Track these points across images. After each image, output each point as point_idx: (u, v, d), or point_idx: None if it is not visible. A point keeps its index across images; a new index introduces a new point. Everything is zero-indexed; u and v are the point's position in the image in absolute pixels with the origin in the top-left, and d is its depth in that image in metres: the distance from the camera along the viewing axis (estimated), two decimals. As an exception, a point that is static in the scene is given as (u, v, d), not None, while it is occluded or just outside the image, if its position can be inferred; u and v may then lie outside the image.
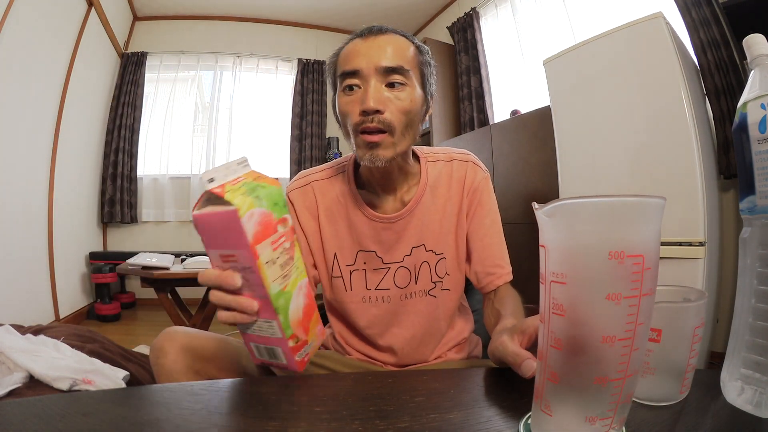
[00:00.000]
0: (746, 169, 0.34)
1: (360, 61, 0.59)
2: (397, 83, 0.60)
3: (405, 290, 0.69)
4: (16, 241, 2.27)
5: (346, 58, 0.61)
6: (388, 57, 0.59)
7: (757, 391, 0.33)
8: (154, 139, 3.72)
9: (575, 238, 0.25)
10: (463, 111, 3.29)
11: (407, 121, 0.61)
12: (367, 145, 0.59)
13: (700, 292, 0.37)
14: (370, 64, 0.59)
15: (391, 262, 0.69)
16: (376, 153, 0.59)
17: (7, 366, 1.14)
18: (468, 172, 0.72)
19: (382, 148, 0.59)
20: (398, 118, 0.60)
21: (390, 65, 0.59)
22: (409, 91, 0.61)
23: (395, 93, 0.60)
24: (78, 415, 0.33)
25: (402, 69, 0.60)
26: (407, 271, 0.69)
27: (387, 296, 0.69)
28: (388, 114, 0.58)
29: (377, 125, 0.58)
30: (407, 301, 0.69)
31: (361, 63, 0.59)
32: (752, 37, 0.35)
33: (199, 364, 0.60)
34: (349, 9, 3.78)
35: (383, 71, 0.59)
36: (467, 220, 0.71)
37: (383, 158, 0.59)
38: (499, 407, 0.35)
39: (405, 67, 0.60)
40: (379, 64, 0.59)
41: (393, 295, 0.69)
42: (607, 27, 1.67)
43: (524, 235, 2.15)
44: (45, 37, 2.46)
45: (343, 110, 0.62)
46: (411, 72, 0.61)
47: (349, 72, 0.60)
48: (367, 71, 0.59)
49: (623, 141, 1.62)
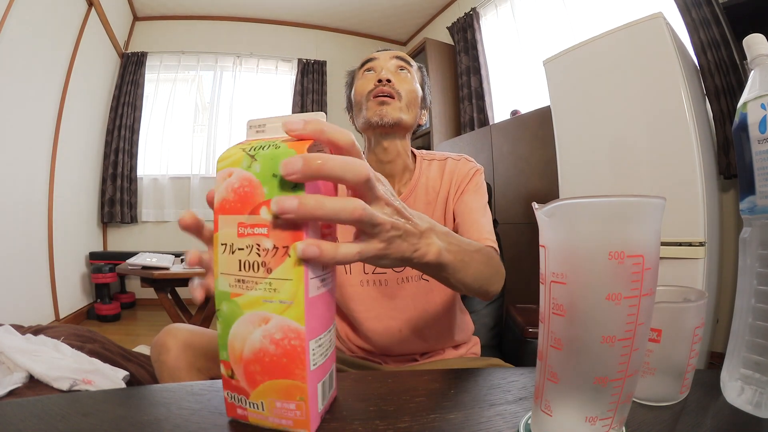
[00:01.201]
0: (746, 169, 0.34)
1: (378, 55, 0.77)
2: (405, 70, 0.76)
3: (401, 274, 0.71)
4: (17, 241, 2.27)
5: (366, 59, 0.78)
6: (398, 54, 0.78)
7: (757, 391, 0.33)
8: (154, 139, 3.72)
9: (575, 238, 0.25)
10: (463, 111, 3.29)
11: (410, 98, 0.74)
12: (380, 102, 0.70)
13: (700, 292, 0.37)
14: (386, 56, 0.77)
15: None
16: (386, 109, 0.70)
17: (7, 366, 1.14)
18: (459, 165, 0.77)
19: (391, 107, 0.70)
20: (405, 89, 0.73)
21: (399, 55, 0.77)
22: (411, 76, 0.76)
23: (402, 74, 0.75)
24: (78, 415, 0.33)
25: (409, 63, 0.78)
26: None
27: (384, 280, 0.71)
28: (397, 85, 0.72)
29: (389, 90, 0.71)
30: (403, 285, 0.71)
31: (379, 55, 0.77)
32: (752, 37, 0.35)
33: (201, 362, 0.60)
34: (349, 9, 3.78)
35: (395, 59, 0.77)
36: (454, 202, 0.74)
37: (391, 116, 0.69)
38: (499, 407, 0.35)
39: (411, 64, 0.78)
40: (391, 54, 0.77)
41: (390, 279, 0.71)
42: (607, 27, 1.67)
43: (524, 235, 2.15)
44: (45, 37, 2.46)
45: (360, 87, 0.74)
46: (414, 71, 0.78)
47: (369, 60, 0.77)
48: (383, 59, 0.76)
49: (623, 141, 1.62)
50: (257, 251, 0.29)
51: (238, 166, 0.29)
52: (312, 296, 0.29)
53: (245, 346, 0.30)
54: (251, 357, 0.30)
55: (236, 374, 0.31)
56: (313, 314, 0.30)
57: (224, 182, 0.30)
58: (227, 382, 0.32)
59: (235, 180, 0.29)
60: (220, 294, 0.31)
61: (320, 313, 0.31)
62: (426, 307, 0.72)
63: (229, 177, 0.30)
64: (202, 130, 3.91)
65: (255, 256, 0.29)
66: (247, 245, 0.29)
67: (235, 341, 0.30)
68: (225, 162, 0.30)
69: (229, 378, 0.31)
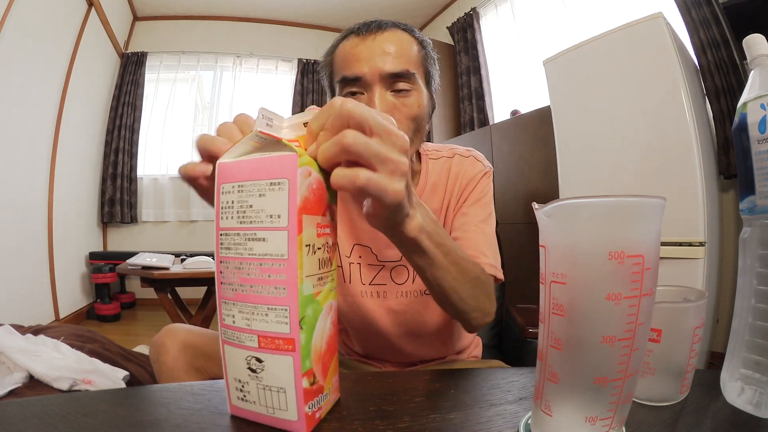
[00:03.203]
0: (746, 169, 0.34)
1: (362, 66, 0.54)
2: (404, 90, 0.56)
3: (401, 287, 0.67)
4: (16, 241, 2.27)
5: (344, 61, 0.57)
6: (393, 60, 0.54)
7: (757, 391, 0.33)
8: (154, 139, 3.72)
9: (575, 238, 0.25)
10: (463, 111, 3.29)
11: (416, 126, 0.58)
12: None
13: (700, 292, 0.37)
14: (373, 70, 0.54)
15: (386, 261, 0.67)
16: None
17: (7, 366, 1.14)
18: (465, 166, 0.69)
19: None
20: (407, 126, 0.56)
21: (395, 71, 0.54)
22: (416, 96, 0.57)
23: (402, 100, 0.56)
24: (78, 415, 0.33)
25: (408, 73, 0.55)
26: (405, 269, 0.68)
27: (384, 291, 0.67)
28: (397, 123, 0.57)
29: None
30: (402, 299, 0.68)
31: (363, 68, 0.54)
32: (752, 37, 0.35)
33: (200, 362, 0.60)
34: (349, 9, 3.78)
35: (388, 77, 0.54)
36: (454, 212, 0.67)
37: None
38: (499, 407, 0.35)
39: (411, 71, 0.56)
40: (383, 70, 0.54)
41: (389, 291, 0.67)
42: (607, 27, 1.67)
43: (524, 235, 2.15)
44: (45, 37, 2.46)
45: None
46: (416, 74, 0.57)
47: (351, 78, 0.55)
48: (370, 78, 0.54)
49: (623, 141, 1.62)
50: (326, 248, 0.32)
51: (314, 168, 0.30)
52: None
53: (324, 340, 0.31)
54: (325, 346, 0.31)
55: (317, 376, 0.30)
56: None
57: (306, 181, 0.29)
58: (309, 393, 0.30)
59: (314, 182, 0.30)
60: (306, 299, 0.29)
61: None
62: (425, 320, 0.69)
63: (309, 177, 0.29)
64: (202, 130, 3.91)
65: (326, 254, 0.32)
66: (323, 243, 0.31)
67: (317, 339, 0.31)
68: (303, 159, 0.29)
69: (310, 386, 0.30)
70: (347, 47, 0.57)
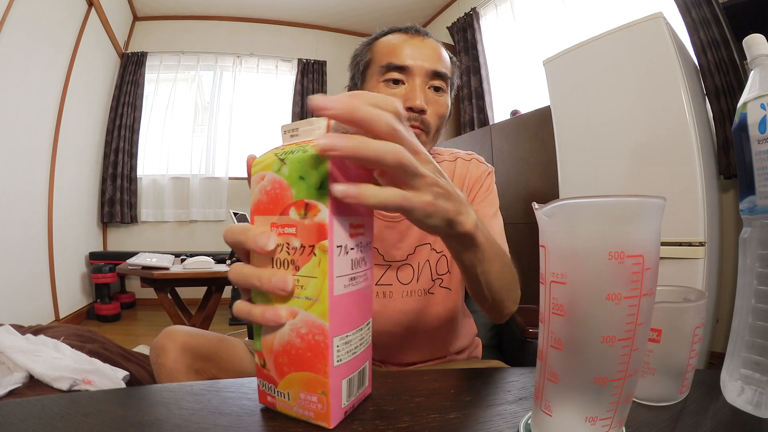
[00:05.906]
0: (746, 169, 0.34)
1: (411, 58, 0.60)
2: (440, 88, 0.63)
3: (406, 287, 0.69)
4: (16, 241, 2.27)
5: (392, 51, 0.62)
6: (437, 62, 0.62)
7: (757, 391, 0.33)
8: (153, 139, 3.73)
9: (575, 238, 0.25)
10: (463, 111, 3.29)
11: (439, 124, 0.64)
12: None
13: (700, 292, 0.37)
14: (422, 64, 0.61)
15: (392, 261, 0.68)
16: None
17: (7, 366, 1.14)
18: (470, 168, 0.72)
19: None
20: (435, 121, 0.62)
21: (439, 70, 0.62)
22: (446, 97, 0.64)
23: (436, 97, 0.62)
24: (78, 415, 0.33)
25: (446, 76, 0.63)
26: (411, 268, 0.69)
27: (390, 292, 0.68)
28: (429, 115, 0.61)
29: (419, 124, 0.60)
30: (407, 300, 0.69)
31: (412, 60, 0.60)
32: (752, 37, 0.35)
33: (199, 364, 0.60)
34: (349, 9, 3.79)
35: (431, 74, 0.61)
36: None
37: None
38: (499, 407, 0.35)
39: (447, 75, 0.63)
40: (429, 67, 0.61)
41: (395, 291, 0.68)
42: (607, 27, 1.67)
43: (524, 235, 2.15)
44: (45, 37, 2.46)
45: None
46: (450, 79, 0.65)
47: (398, 66, 0.61)
48: (416, 70, 0.60)
49: (623, 141, 1.62)
50: (287, 250, 0.31)
51: (269, 169, 0.31)
52: (337, 294, 0.30)
53: (276, 338, 0.32)
54: (280, 349, 0.32)
55: (267, 364, 0.33)
56: (338, 312, 0.30)
57: (258, 185, 0.32)
58: (260, 371, 0.34)
59: (267, 183, 0.31)
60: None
61: (347, 311, 0.32)
62: (429, 319, 0.70)
63: (262, 180, 0.31)
64: (202, 130, 3.91)
65: (285, 255, 0.31)
66: (279, 244, 0.31)
67: (268, 333, 0.32)
68: (259, 166, 0.32)
69: (261, 367, 0.33)
70: (395, 40, 0.63)
